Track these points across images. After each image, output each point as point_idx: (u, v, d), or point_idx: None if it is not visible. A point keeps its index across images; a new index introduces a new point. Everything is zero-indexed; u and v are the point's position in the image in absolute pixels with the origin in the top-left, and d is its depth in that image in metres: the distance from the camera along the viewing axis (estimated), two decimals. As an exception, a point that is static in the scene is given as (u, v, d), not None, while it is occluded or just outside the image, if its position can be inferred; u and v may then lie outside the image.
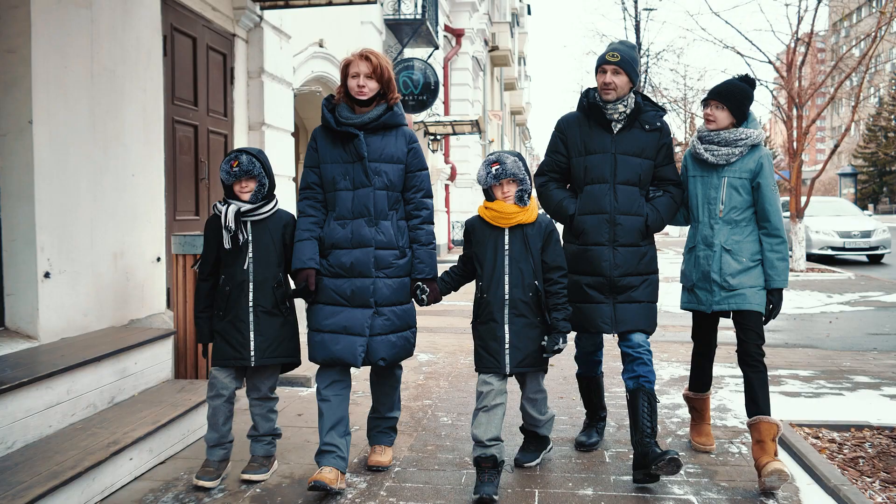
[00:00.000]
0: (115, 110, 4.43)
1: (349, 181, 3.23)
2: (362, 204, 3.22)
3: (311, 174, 3.31)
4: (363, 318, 3.17)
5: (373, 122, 3.23)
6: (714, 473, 3.39)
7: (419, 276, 3.28)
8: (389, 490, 3.20)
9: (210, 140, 6.01)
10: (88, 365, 3.49)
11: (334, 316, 3.18)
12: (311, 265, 3.18)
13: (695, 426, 3.78)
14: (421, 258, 3.30)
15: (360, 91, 3.18)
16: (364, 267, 3.19)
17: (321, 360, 3.21)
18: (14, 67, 3.72)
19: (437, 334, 6.95)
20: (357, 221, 3.22)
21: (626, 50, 3.44)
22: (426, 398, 4.74)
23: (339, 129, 3.23)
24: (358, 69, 3.18)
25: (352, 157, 3.23)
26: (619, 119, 3.41)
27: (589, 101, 3.44)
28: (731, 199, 3.36)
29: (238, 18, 6.38)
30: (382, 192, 3.24)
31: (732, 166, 3.37)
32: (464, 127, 16.08)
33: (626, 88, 3.39)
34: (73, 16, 4.05)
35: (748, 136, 3.34)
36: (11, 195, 3.76)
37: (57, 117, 3.90)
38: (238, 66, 6.49)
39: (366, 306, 3.19)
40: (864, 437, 3.80)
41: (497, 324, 3.17)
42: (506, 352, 3.15)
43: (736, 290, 3.33)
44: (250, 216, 3.26)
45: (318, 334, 3.21)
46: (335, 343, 3.16)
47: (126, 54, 4.56)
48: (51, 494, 2.68)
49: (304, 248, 3.21)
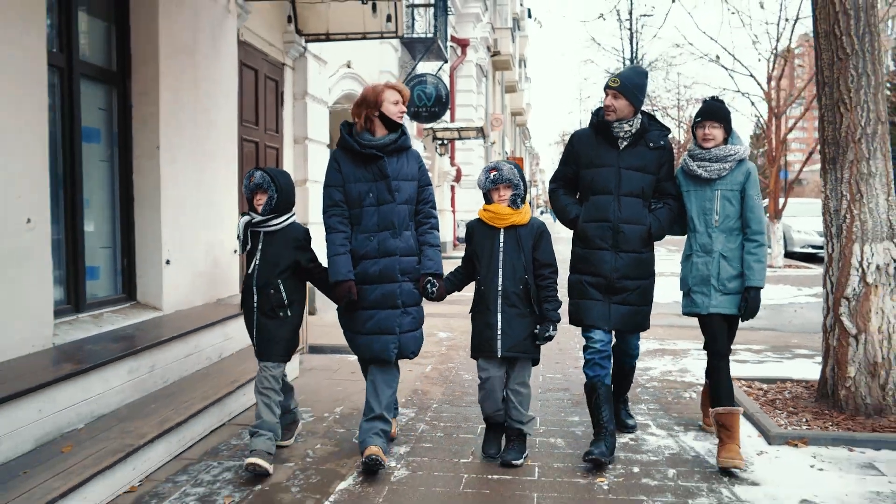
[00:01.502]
0: (207, 135, 5.64)
1: (374, 198, 3.56)
2: (387, 218, 3.56)
3: (336, 192, 3.60)
4: (394, 318, 3.58)
5: (392, 145, 3.59)
6: (668, 410, 4.61)
7: (430, 270, 3.66)
8: (433, 417, 4.42)
9: (266, 153, 7.24)
10: (207, 328, 4.72)
11: (370, 320, 3.58)
12: (350, 277, 3.51)
13: (723, 446, 3.57)
14: (430, 256, 3.68)
15: (400, 116, 3.63)
16: (391, 273, 3.57)
17: (368, 359, 3.67)
18: (147, 106, 4.94)
19: (452, 319, 8.17)
20: (382, 234, 3.56)
21: (630, 76, 3.73)
22: (450, 362, 5.96)
23: (363, 152, 3.56)
24: (398, 98, 3.61)
25: (375, 176, 3.56)
26: (624, 137, 3.68)
27: (598, 119, 3.75)
28: (724, 209, 3.66)
29: (287, 50, 7.59)
30: (403, 207, 3.61)
31: (724, 180, 3.66)
32: (469, 133, 17.28)
33: (627, 111, 3.66)
34: (184, 63, 5.26)
35: (736, 153, 3.65)
36: (143, 202, 4.98)
37: (173, 142, 5.12)
38: (286, 90, 7.71)
39: (395, 307, 3.59)
40: (786, 386, 5.00)
41: (490, 312, 3.56)
42: (497, 337, 3.54)
43: (731, 293, 3.65)
44: (261, 227, 3.58)
45: (361, 336, 3.62)
46: (375, 343, 3.59)
47: (215, 88, 5.77)
48: (205, 410, 3.91)
49: (341, 262, 3.52)
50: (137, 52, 4.93)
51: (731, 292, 3.64)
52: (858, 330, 4.26)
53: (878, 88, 4.27)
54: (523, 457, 3.62)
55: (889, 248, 4.27)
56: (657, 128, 3.78)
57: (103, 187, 4.84)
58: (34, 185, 3.79)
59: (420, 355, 6.15)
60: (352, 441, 3.94)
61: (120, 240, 4.93)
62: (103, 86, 4.80)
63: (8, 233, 3.60)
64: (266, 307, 3.55)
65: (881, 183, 4.25)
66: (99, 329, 4.34)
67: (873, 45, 4.27)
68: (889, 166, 4.31)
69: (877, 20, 4.31)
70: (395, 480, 3.43)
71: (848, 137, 4.27)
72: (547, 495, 3.24)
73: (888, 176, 4.29)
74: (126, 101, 4.91)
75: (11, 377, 3.30)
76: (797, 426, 4.15)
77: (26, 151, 3.75)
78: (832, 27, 4.30)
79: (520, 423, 3.64)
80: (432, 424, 4.30)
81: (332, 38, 7.74)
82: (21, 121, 3.71)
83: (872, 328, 4.25)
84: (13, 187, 3.64)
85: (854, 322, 4.27)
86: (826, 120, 4.43)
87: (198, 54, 5.43)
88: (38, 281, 3.81)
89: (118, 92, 4.89)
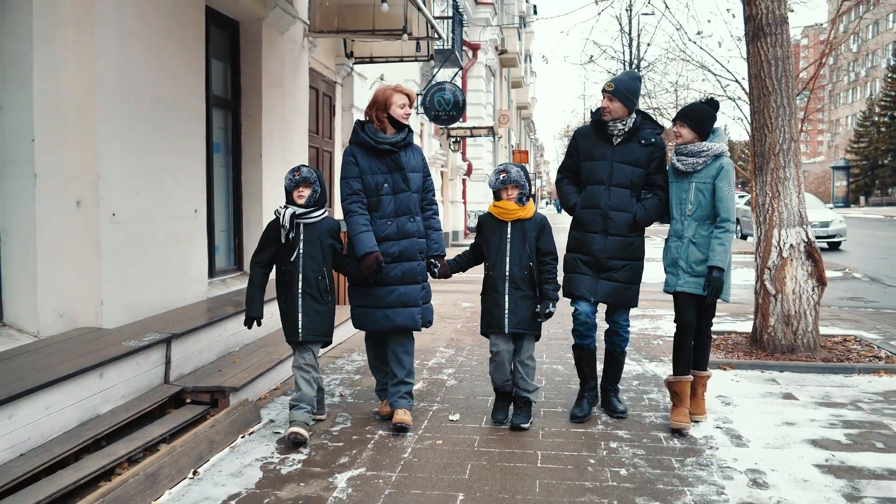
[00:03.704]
0: (289, 144, 7.29)
1: (390, 187, 3.95)
2: (404, 205, 3.97)
3: (355, 182, 3.92)
4: (416, 292, 4.01)
5: (402, 142, 3.99)
6: (640, 350, 6.25)
7: (435, 253, 4.11)
8: (467, 353, 6.09)
9: (323, 156, 8.91)
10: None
11: (391, 294, 3.94)
12: (376, 249, 3.83)
13: (675, 409, 4.11)
14: (435, 239, 4.14)
15: (405, 117, 3.99)
16: (411, 253, 3.99)
17: (389, 329, 3.97)
18: (252, 125, 6.61)
19: (471, 294, 9.81)
20: (400, 219, 3.97)
21: (624, 80, 4.09)
22: (474, 322, 7.61)
23: (380, 147, 3.92)
24: (403, 101, 3.98)
25: (390, 168, 3.95)
26: (618, 134, 4.05)
27: (596, 118, 4.13)
28: (697, 199, 4.00)
29: (338, 71, 9.24)
30: (416, 195, 4.03)
31: (699, 173, 4.00)
32: (480, 131, 18.91)
33: (622, 112, 4.01)
34: (275, 92, 6.91)
35: (710, 149, 3.97)
36: (249, 196, 6.65)
37: (269, 151, 6.77)
38: (337, 104, 9.37)
39: (415, 282, 4.01)
40: (730, 336, 6.63)
41: (499, 294, 3.98)
42: (505, 315, 3.96)
43: (699, 275, 3.99)
44: (303, 218, 3.85)
45: (379, 310, 3.94)
46: (399, 315, 3.96)
47: (294, 108, 7.42)
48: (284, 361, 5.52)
49: (367, 238, 3.84)
50: (245, 84, 6.59)
51: (699, 275, 4.00)
52: (777, 291, 5.90)
53: (791, 116, 5.89)
54: (530, 421, 4.09)
55: (799, 231, 5.89)
56: (650, 126, 4.15)
57: (222, 186, 6.50)
58: (197, 185, 5.46)
59: (450, 317, 7.80)
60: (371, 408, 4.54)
61: (233, 224, 6.59)
62: (222, 110, 6.45)
63: (183, 219, 5.27)
64: (314, 292, 3.86)
65: (794, 185, 5.88)
66: (227, 289, 6.01)
67: (789, 85, 5.89)
68: (800, 173, 5.94)
69: (791, 67, 5.92)
70: (434, 410, 5.09)
71: (770, 152, 5.89)
72: (547, 430, 4.88)
73: (798, 180, 5.91)
74: (237, 121, 6.57)
75: (196, 315, 4.97)
76: (730, 359, 5.80)
77: (194, 161, 5.41)
78: (759, 71, 5.91)
79: (526, 391, 4.08)
80: (468, 358, 5.96)
81: (375, 61, 9.39)
82: (191, 141, 5.37)
83: (787, 290, 5.88)
84: (186, 186, 5.30)
85: (774, 286, 5.91)
86: (756, 138, 6.06)
87: (285, 84, 7.08)
88: (200, 253, 5.48)
89: (231, 114, 6.54)
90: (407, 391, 4.11)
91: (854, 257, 16.25)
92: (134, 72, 4.61)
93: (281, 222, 3.82)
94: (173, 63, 5.07)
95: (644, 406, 4.60)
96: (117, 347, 3.91)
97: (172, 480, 3.27)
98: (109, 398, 3.72)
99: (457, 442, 3.89)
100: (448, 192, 19.62)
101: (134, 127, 4.63)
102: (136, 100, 4.66)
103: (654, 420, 4.31)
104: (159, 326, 4.47)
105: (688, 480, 3.40)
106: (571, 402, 4.46)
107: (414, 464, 3.60)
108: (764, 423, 4.20)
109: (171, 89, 5.04)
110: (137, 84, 4.66)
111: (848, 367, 5.44)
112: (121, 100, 4.49)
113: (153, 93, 4.83)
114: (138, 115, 4.68)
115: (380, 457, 3.68)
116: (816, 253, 5.88)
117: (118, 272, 4.48)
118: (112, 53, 4.38)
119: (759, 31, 5.85)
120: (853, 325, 7.39)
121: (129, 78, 4.57)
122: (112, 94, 4.39)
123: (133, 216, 4.63)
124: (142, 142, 4.72)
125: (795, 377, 5.30)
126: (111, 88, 4.39)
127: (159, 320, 4.69)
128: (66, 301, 4.24)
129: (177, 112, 5.13)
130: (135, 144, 4.64)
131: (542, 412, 4.42)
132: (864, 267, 13.83)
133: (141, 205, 4.72)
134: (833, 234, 18.19)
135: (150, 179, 4.83)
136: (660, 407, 4.58)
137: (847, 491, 3.29)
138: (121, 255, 4.51)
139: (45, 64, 4.04)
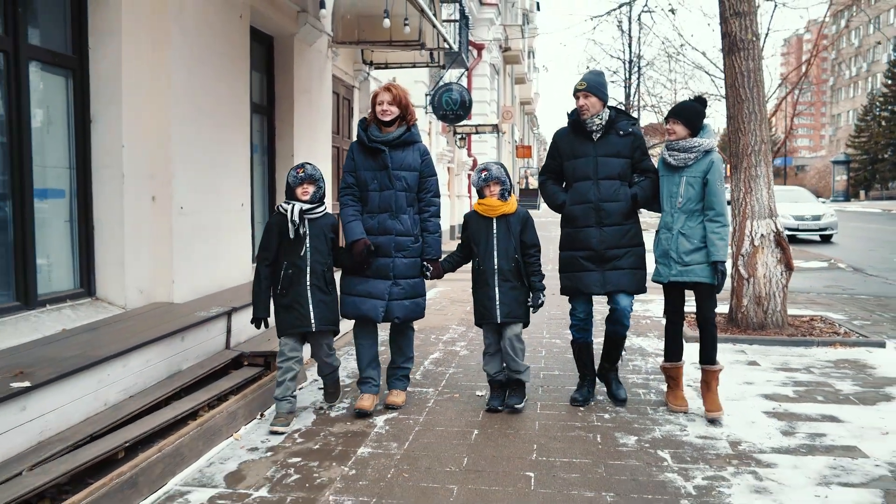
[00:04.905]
0: (315, 144, 8.11)
1: (377, 184, 4.12)
2: (387, 202, 4.12)
3: (349, 177, 4.18)
4: (384, 287, 4.14)
5: (395, 140, 4.11)
6: (629, 328, 7.08)
7: (426, 256, 4.26)
8: (475, 334, 6.91)
9: (342, 154, 9.72)
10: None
11: (362, 284, 4.15)
12: (364, 235, 4.07)
13: (670, 392, 4.43)
14: (429, 243, 4.26)
15: (383, 113, 4.09)
16: (386, 249, 4.13)
17: (352, 316, 4.18)
18: (284, 128, 7.44)
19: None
20: (382, 215, 4.13)
21: (593, 78, 4.26)
22: (483, 305, 8.48)
23: (370, 146, 4.11)
24: (382, 98, 4.11)
25: (379, 166, 4.12)
26: (597, 129, 4.20)
27: (573, 118, 4.28)
28: (687, 193, 4.13)
29: (356, 76, 10.06)
30: (402, 193, 4.15)
31: (690, 168, 4.13)
32: (485, 128, 19.71)
33: (598, 106, 4.18)
34: (304, 97, 7.73)
35: (700, 145, 4.11)
36: (283, 192, 7.45)
37: (299, 151, 7.60)
38: (355, 106, 10.18)
39: (386, 278, 4.15)
40: (710, 317, 7.43)
41: (489, 287, 4.17)
42: (496, 307, 4.16)
43: (689, 265, 4.12)
44: (308, 214, 4.00)
45: (350, 297, 4.18)
46: (363, 304, 4.16)
47: (320, 112, 8.23)
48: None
49: (356, 226, 4.09)
50: (279, 92, 7.41)
51: (689, 264, 4.13)
52: (749, 275, 6.70)
53: (762, 122, 6.68)
54: (524, 401, 4.36)
55: (769, 223, 6.69)
56: (624, 118, 4.34)
57: (259, 182, 7.33)
58: (243, 182, 6.29)
59: (460, 301, 8.64)
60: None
61: (268, 217, 7.40)
62: (259, 115, 7.27)
63: (233, 212, 6.10)
64: (321, 284, 4.03)
65: (764, 182, 6.68)
66: (266, 273, 6.84)
67: (760, 93, 6.68)
68: (769, 171, 6.74)
69: (762, 78, 6.71)
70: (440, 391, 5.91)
71: (743, 152, 6.69)
72: (545, 414, 5.72)
73: (769, 177, 6.71)
74: (272, 124, 7.39)
75: (246, 293, 5.76)
76: (707, 334, 6.59)
77: (241, 162, 6.24)
78: (734, 81, 6.71)
79: (518, 372, 4.30)
80: (478, 333, 6.78)
81: (389, 66, 10.18)
82: (239, 144, 6.19)
83: (759, 274, 6.69)
84: (235, 183, 6.13)
85: (746, 270, 6.71)
86: (731, 140, 6.86)
87: (312, 90, 7.91)
88: (245, 240, 6.32)
89: (267, 119, 7.36)
90: (404, 374, 4.47)
91: (843, 249, 16.96)
92: (197, 86, 5.43)
93: (290, 218, 3.94)
94: (226, 77, 5.88)
95: (629, 370, 5.42)
96: (191, 317, 4.73)
97: (247, 419, 4.13)
98: (188, 357, 4.55)
99: (471, 395, 4.73)
100: (454, 187, 20.44)
101: (197, 133, 5.45)
102: (199, 110, 5.47)
103: (636, 380, 5.14)
104: (219, 302, 5.30)
105: (658, 422, 4.22)
106: (567, 368, 5.29)
107: (437, 410, 4.44)
108: (727, 382, 5.01)
109: (224, 99, 5.86)
110: (200, 96, 5.47)
111: (808, 341, 6.26)
112: (188, 110, 5.30)
113: (212, 103, 5.65)
114: (200, 123, 5.49)
115: (408, 405, 4.51)
116: (784, 242, 6.68)
117: (186, 256, 5.31)
118: (182, 72, 5.19)
119: (734, 47, 6.65)
120: (824, 308, 8.20)
121: (194, 92, 5.38)
122: (182, 106, 5.20)
123: (196, 209, 5.45)
124: (202, 146, 5.54)
125: (762, 349, 6.12)
126: (181, 101, 5.19)
127: (217, 297, 5.52)
128: (145, 280, 5.07)
129: (228, 119, 5.95)
130: (197, 148, 5.46)
131: (541, 374, 5.24)
132: (850, 258, 14.56)
133: (202, 199, 5.54)
134: (825, 227, 18.78)
135: (209, 178, 5.65)
136: (641, 371, 5.41)
137: (785, 429, 4.11)
138: (187, 242, 5.33)
139: (131, 83, 4.86)
